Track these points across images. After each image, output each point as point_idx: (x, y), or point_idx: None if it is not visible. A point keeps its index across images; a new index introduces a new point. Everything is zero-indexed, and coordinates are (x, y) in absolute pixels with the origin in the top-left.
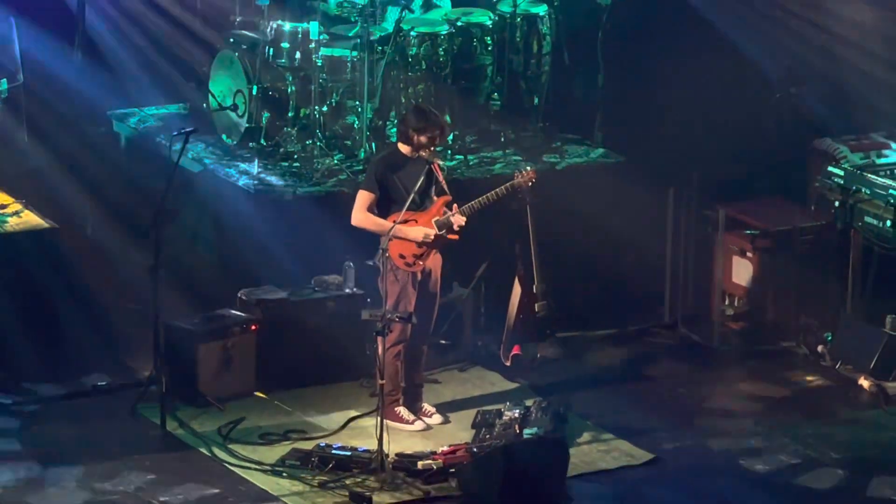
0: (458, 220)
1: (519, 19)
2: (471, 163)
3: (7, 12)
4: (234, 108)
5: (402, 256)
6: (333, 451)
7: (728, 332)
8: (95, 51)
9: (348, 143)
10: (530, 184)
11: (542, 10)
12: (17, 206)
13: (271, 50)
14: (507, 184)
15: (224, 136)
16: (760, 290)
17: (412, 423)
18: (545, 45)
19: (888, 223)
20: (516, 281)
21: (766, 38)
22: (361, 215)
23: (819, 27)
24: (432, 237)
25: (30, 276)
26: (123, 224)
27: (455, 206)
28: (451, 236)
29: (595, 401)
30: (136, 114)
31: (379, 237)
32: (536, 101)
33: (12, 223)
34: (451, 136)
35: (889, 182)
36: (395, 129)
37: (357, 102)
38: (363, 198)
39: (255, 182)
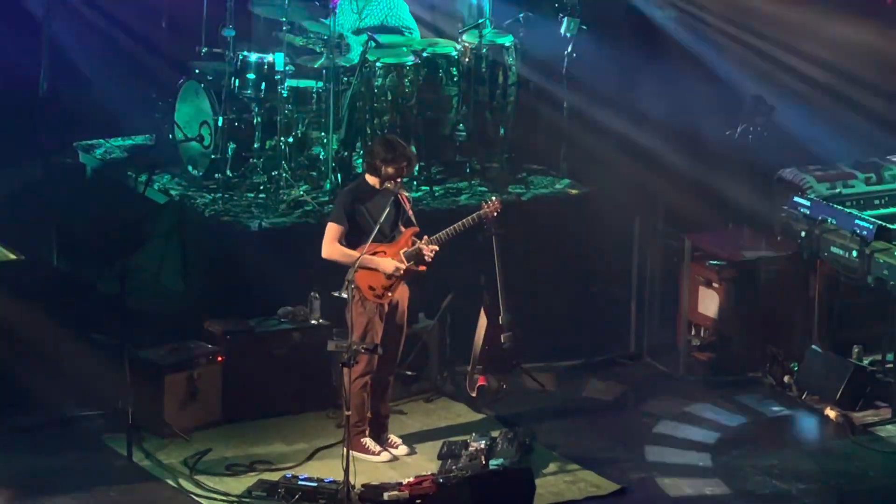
0: (431, 249)
1: (485, 50)
2: (437, 194)
3: None
4: (200, 139)
5: (371, 288)
6: (300, 482)
7: (694, 363)
8: (62, 81)
9: (314, 174)
10: (496, 214)
11: (507, 40)
12: None
13: (237, 81)
14: (474, 214)
15: (189, 168)
16: (726, 320)
17: (378, 454)
18: (511, 75)
19: (854, 253)
20: (482, 312)
21: (733, 67)
22: (332, 248)
23: (787, 56)
24: (403, 270)
25: None
26: (89, 255)
27: (425, 237)
28: (419, 268)
29: (561, 431)
30: (101, 145)
31: (347, 268)
32: (502, 131)
33: None
34: (416, 167)
35: (855, 212)
36: (361, 160)
37: (323, 133)
38: (332, 230)
39: None
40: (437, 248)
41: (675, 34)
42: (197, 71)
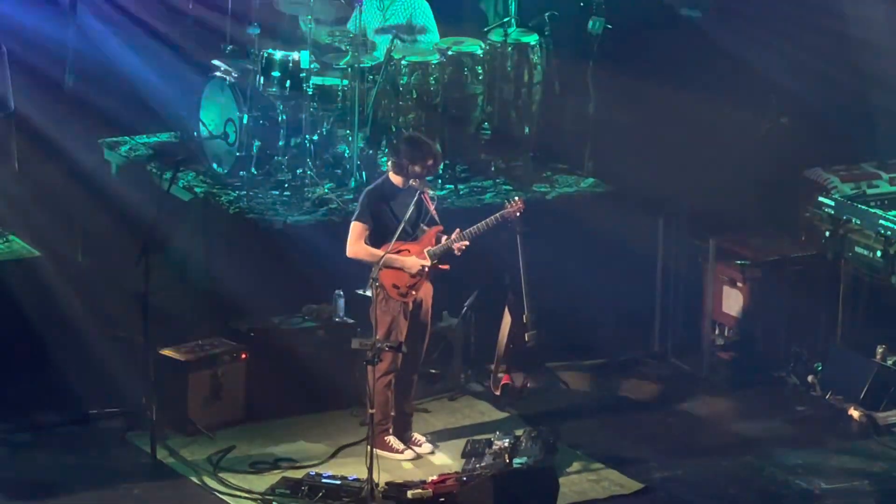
0: (461, 244)
1: (510, 48)
2: (461, 192)
3: None
4: (225, 136)
5: (395, 287)
6: (323, 480)
7: (718, 362)
8: (86, 79)
9: (339, 171)
10: (519, 213)
11: (532, 39)
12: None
13: (262, 78)
14: (497, 214)
15: (215, 165)
16: (751, 320)
17: (402, 452)
18: (536, 74)
19: (878, 253)
20: (506, 310)
21: (758, 67)
22: (356, 247)
23: (812, 56)
24: (427, 268)
25: (16, 305)
26: (113, 252)
27: (457, 231)
28: (442, 266)
29: (585, 430)
30: (126, 142)
31: (371, 266)
32: (527, 130)
33: None
34: (441, 166)
35: (879, 212)
36: (385, 159)
37: (348, 131)
38: (357, 229)
39: None
40: (467, 242)
41: (702, 31)
42: (223, 68)
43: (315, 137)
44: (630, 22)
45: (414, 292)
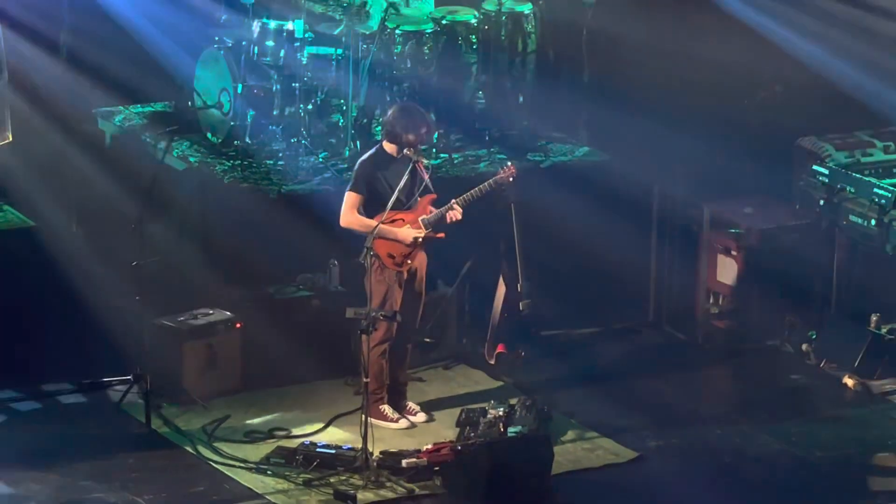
0: (455, 214)
1: (504, 17)
2: (456, 161)
3: None
4: (220, 106)
5: (391, 256)
6: (318, 450)
7: (713, 331)
8: (81, 48)
9: (333, 141)
10: (511, 179)
11: (526, 7)
12: None
13: (256, 48)
14: (490, 180)
15: (209, 135)
16: (745, 288)
17: (397, 421)
18: (530, 43)
19: (872, 222)
20: (501, 279)
21: (754, 35)
22: (350, 216)
23: (804, 26)
24: (422, 238)
25: (11, 275)
26: (108, 222)
27: (453, 200)
28: (437, 235)
29: (579, 399)
30: (121, 112)
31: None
32: (521, 99)
33: None
34: (435, 135)
35: (874, 181)
36: (380, 128)
37: (342, 101)
38: (351, 199)
39: None
40: (461, 210)
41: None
42: (217, 38)
43: (309, 107)
44: None
45: (409, 261)
